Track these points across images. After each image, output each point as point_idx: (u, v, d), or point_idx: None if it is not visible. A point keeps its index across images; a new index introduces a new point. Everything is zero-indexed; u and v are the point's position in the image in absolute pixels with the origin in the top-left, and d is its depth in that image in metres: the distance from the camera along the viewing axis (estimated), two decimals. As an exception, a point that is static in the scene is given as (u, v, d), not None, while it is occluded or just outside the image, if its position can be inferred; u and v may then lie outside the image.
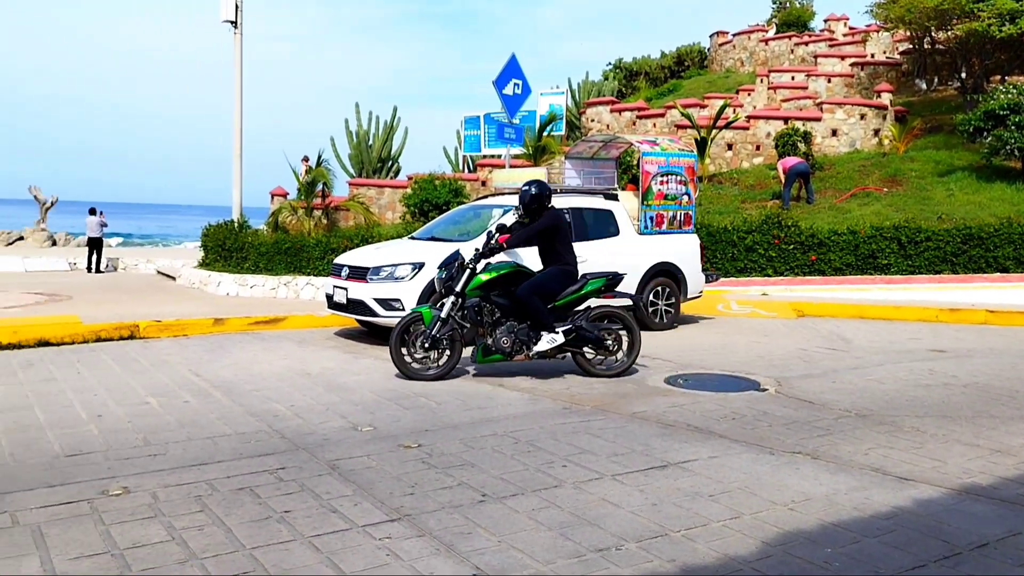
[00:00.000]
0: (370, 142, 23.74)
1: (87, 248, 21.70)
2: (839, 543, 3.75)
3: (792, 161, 18.32)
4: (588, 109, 27.34)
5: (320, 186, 17.89)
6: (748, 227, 15.01)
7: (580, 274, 7.81)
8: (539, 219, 7.65)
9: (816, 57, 30.31)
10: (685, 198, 11.30)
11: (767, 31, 36.58)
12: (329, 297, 9.72)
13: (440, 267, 7.73)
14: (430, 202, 17.28)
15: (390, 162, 24.06)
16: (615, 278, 7.81)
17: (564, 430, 5.64)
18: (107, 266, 21.48)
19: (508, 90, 14.57)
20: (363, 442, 5.32)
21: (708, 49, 40.06)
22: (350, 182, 20.67)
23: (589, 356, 7.66)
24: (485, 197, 11.84)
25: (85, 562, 3.55)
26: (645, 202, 10.92)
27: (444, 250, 8.77)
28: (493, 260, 7.64)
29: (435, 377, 7.31)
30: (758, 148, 22.64)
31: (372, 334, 9.95)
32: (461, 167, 24.98)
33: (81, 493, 4.35)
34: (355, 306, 9.18)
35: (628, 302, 8.59)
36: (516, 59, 14.61)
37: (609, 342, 7.65)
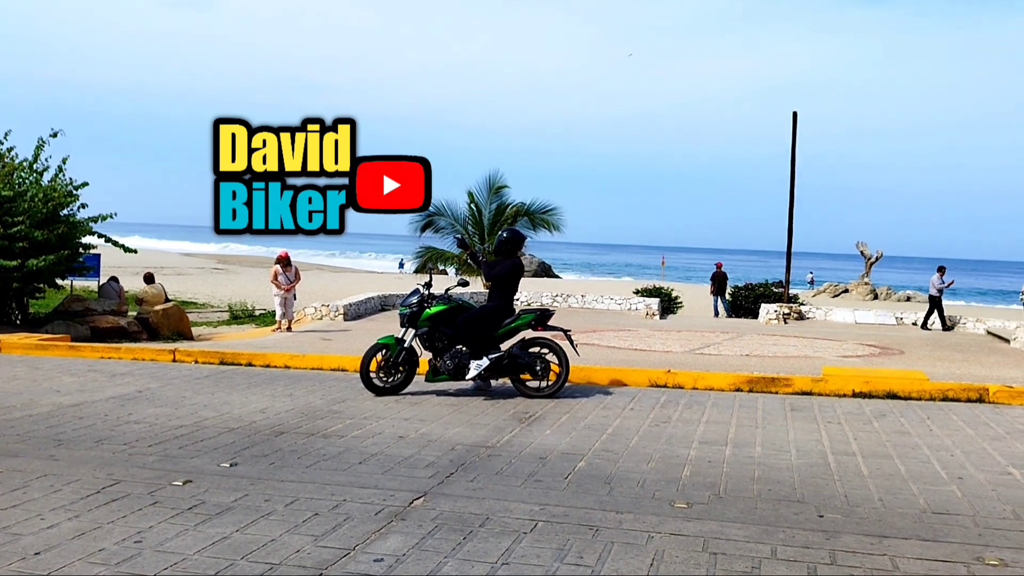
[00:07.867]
0: None
1: (928, 304, 21.83)
2: None
3: None
4: None
5: None
6: None
7: (517, 310, 8.87)
8: (504, 263, 8.79)
9: None
10: None
11: None
12: None
13: (401, 304, 8.94)
14: None
15: None
16: (545, 313, 8.82)
17: None
18: (934, 324, 21.35)
19: None
20: None
21: None
22: None
23: (525, 380, 8.61)
24: None
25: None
26: None
27: None
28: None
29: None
30: None
31: None
32: None
33: (955, 555, 4.38)
34: None
35: (559, 333, 8.87)
36: None
37: (537, 367, 8.55)
